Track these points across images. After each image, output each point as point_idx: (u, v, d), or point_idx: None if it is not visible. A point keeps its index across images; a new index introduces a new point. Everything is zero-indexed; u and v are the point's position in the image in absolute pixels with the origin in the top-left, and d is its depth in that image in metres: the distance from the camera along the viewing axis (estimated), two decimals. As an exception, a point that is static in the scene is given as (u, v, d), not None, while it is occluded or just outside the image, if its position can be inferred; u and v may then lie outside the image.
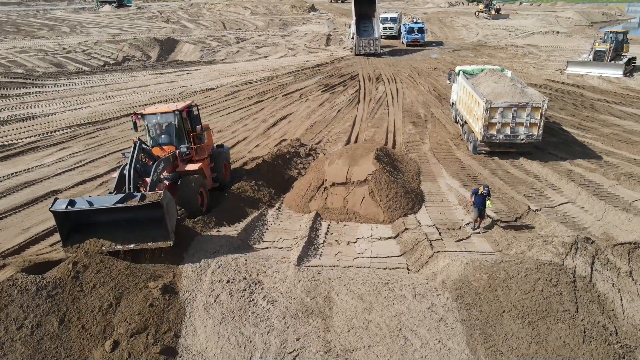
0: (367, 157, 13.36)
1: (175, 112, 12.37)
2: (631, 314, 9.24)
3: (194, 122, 13.07)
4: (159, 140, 12.77)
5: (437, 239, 11.15)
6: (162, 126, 12.81)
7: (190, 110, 13.01)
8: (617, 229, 11.67)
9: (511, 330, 8.79)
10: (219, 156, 13.85)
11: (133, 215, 9.63)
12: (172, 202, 10.12)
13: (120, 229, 9.72)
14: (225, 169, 14.21)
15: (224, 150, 14.57)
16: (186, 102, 13.24)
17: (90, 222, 9.87)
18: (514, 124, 15.65)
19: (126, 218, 9.73)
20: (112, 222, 9.79)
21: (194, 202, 11.66)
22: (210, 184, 13.28)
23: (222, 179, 13.73)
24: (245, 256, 10.01)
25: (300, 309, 9.15)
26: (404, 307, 9.18)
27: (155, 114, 12.54)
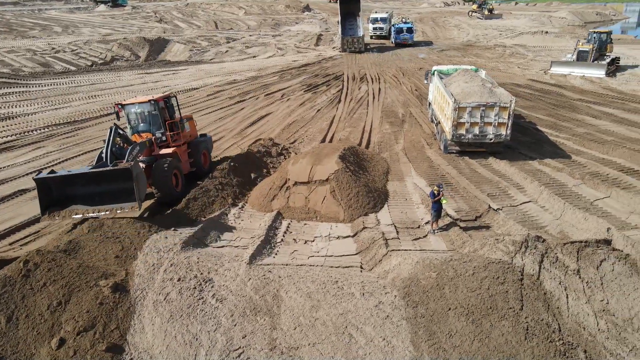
0: (332, 157, 13.45)
1: (152, 102, 13.59)
2: (576, 311, 9.33)
3: (170, 111, 14.30)
4: (138, 128, 13.94)
5: (393, 238, 11.24)
6: (141, 115, 13.91)
7: (167, 100, 14.20)
8: (573, 228, 11.78)
9: (455, 328, 8.89)
10: (198, 144, 15.01)
11: (107, 187, 10.97)
12: (143, 174, 11.35)
13: (95, 199, 11.00)
14: (205, 157, 15.29)
15: (206, 139, 15.73)
16: (163, 94, 14.51)
17: (68, 194, 11.16)
18: (483, 124, 15.75)
19: (100, 190, 11.05)
20: (87, 193, 11.10)
21: (167, 182, 12.63)
22: (187, 168, 14.38)
23: (199, 165, 14.79)
24: (198, 254, 10.10)
25: (248, 307, 9.25)
26: (351, 305, 9.27)
27: (134, 104, 13.79)
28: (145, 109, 13.73)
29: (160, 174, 12.60)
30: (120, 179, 10.80)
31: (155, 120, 13.82)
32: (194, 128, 15.57)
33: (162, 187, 12.65)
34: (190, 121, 15.41)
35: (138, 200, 10.73)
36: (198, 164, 14.80)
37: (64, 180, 11.10)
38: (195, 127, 15.78)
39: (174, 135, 14.10)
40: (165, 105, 14.07)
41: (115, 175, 10.82)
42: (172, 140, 14.01)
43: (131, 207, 10.80)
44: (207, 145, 15.68)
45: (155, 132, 13.76)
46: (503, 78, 30.63)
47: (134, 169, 10.78)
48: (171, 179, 12.75)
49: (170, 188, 12.72)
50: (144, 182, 11.44)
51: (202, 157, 15.08)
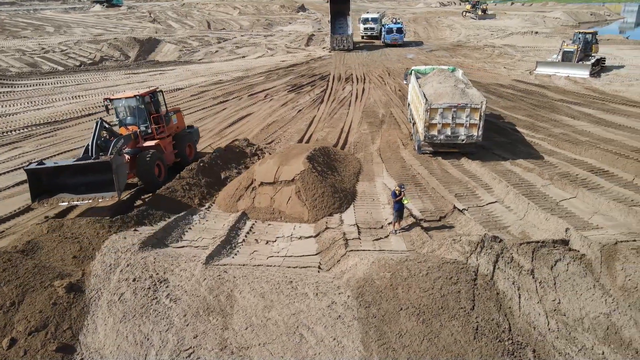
0: (299, 157, 13.50)
1: (137, 97, 14.48)
2: (527, 311, 9.40)
3: (156, 105, 15.15)
4: (125, 121, 14.80)
5: (354, 238, 11.30)
6: (127, 109, 14.78)
7: (152, 95, 15.06)
8: (534, 228, 11.84)
9: (406, 328, 8.94)
10: (183, 137, 16.06)
11: (91, 178, 12.03)
12: (123, 166, 12.40)
13: (81, 189, 12.08)
14: (190, 148, 16.27)
15: (192, 131, 16.79)
16: (149, 89, 15.30)
17: (56, 183, 12.20)
18: (454, 125, 15.80)
19: (85, 181, 12.11)
20: (74, 183, 12.16)
21: (150, 173, 13.60)
22: (171, 159, 15.37)
23: (184, 156, 15.79)
24: (156, 255, 10.15)
25: (201, 307, 9.30)
26: (304, 305, 9.33)
27: (121, 98, 14.65)
28: (132, 103, 14.59)
29: (143, 165, 13.49)
30: (101, 170, 11.80)
31: (141, 114, 14.67)
32: (181, 121, 16.52)
33: (145, 177, 13.64)
34: (178, 114, 16.42)
35: (117, 190, 11.79)
36: (182, 155, 15.73)
37: (52, 171, 12.20)
38: (182, 119, 16.74)
39: (159, 128, 14.95)
40: (150, 99, 14.93)
41: (97, 167, 11.86)
42: (156, 133, 14.83)
43: (111, 197, 11.86)
44: (192, 137, 16.63)
45: (140, 125, 14.60)
46: (488, 78, 30.72)
47: (114, 161, 11.75)
48: (153, 169, 13.68)
49: (152, 178, 13.65)
50: (124, 173, 12.51)
51: (187, 148, 16.03)
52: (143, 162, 13.50)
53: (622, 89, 26.59)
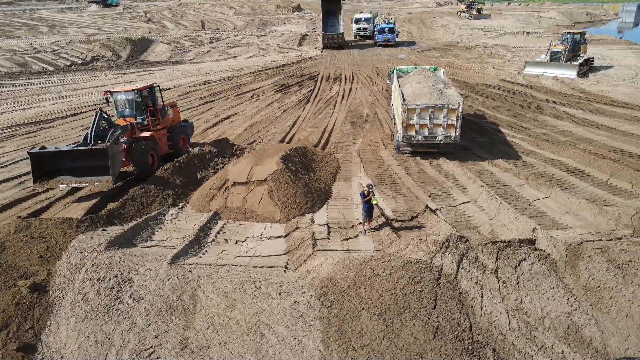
0: (273, 157, 13.53)
1: (135, 91, 15.41)
2: (489, 310, 9.45)
3: (152, 99, 16.08)
4: (123, 113, 15.72)
5: (323, 238, 11.33)
6: (126, 102, 15.66)
7: (150, 90, 16.04)
8: (504, 228, 11.88)
9: (366, 327, 8.98)
10: (177, 129, 16.97)
11: (89, 163, 12.99)
12: (118, 154, 13.46)
13: (79, 172, 13.13)
14: (183, 140, 17.27)
15: (186, 125, 17.89)
16: (147, 84, 16.38)
17: (56, 167, 13.26)
18: (432, 125, 15.84)
19: (83, 165, 13.10)
20: (73, 167, 13.22)
21: (144, 161, 14.52)
22: (164, 150, 16.27)
23: (177, 147, 16.67)
24: (122, 254, 10.18)
25: (164, 307, 9.33)
26: (266, 305, 9.37)
27: (120, 91, 15.60)
28: (130, 96, 15.53)
29: (138, 154, 14.46)
30: (98, 156, 12.83)
31: (138, 107, 15.60)
32: (177, 114, 17.55)
33: (139, 165, 14.61)
34: (174, 108, 17.46)
35: (112, 175, 12.89)
36: (175, 147, 16.66)
37: (53, 155, 13.30)
38: (178, 113, 17.77)
39: (155, 121, 15.91)
40: (148, 93, 15.91)
41: (94, 153, 12.88)
42: (152, 125, 15.75)
43: (106, 181, 13.02)
44: (186, 130, 17.70)
45: (137, 116, 15.57)
46: (476, 78, 30.77)
47: (110, 149, 12.83)
48: (147, 158, 14.64)
49: (146, 166, 14.57)
50: (119, 160, 13.55)
51: (180, 140, 16.96)
52: (138, 151, 14.44)
53: (608, 89, 26.64)
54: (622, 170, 14.65)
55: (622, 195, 13.49)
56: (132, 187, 13.45)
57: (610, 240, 10.84)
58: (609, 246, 10.55)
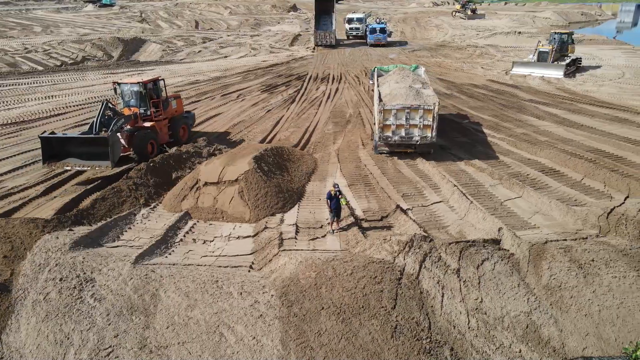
0: (246, 158, 13.58)
1: (140, 84, 16.65)
2: (449, 310, 9.49)
3: (156, 92, 17.36)
4: (129, 103, 16.99)
5: (290, 238, 11.37)
6: (131, 93, 16.92)
7: (154, 83, 17.36)
8: (472, 228, 11.92)
9: (325, 327, 9.02)
10: (179, 120, 18.34)
11: (92, 149, 14.38)
12: (118, 142, 14.90)
13: (84, 157, 14.56)
14: (184, 130, 18.63)
15: (188, 116, 19.29)
16: (152, 77, 17.82)
17: (64, 151, 14.70)
18: (408, 126, 15.86)
19: (88, 151, 14.48)
20: (78, 152, 14.63)
21: (143, 149, 15.95)
22: (165, 139, 17.54)
23: (177, 137, 17.99)
24: (86, 254, 10.21)
25: (125, 306, 9.37)
26: (227, 305, 9.40)
27: (127, 83, 16.95)
28: (135, 88, 16.76)
29: (138, 142, 15.86)
30: (100, 144, 14.22)
31: (142, 98, 16.81)
32: (180, 105, 18.78)
33: (139, 153, 15.86)
34: (178, 100, 18.78)
35: (111, 161, 14.29)
36: (175, 136, 17.98)
37: (61, 141, 14.81)
38: (181, 105, 19.00)
39: (157, 112, 17.08)
40: (152, 86, 17.16)
41: (96, 141, 14.32)
42: (154, 116, 16.92)
43: (106, 166, 14.47)
44: (187, 121, 19.03)
45: (141, 107, 16.77)
46: (463, 78, 30.82)
47: (110, 138, 14.22)
48: (146, 146, 16.07)
49: (145, 154, 15.92)
50: (118, 148, 14.87)
51: (181, 130, 18.30)
52: (138, 140, 15.87)
53: (593, 89, 26.70)
54: (596, 170, 14.70)
55: (594, 195, 13.54)
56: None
57: (575, 240, 10.90)
58: (572, 246, 10.61)
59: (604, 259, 10.33)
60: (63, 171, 15.34)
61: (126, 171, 14.72)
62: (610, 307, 9.63)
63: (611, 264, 10.27)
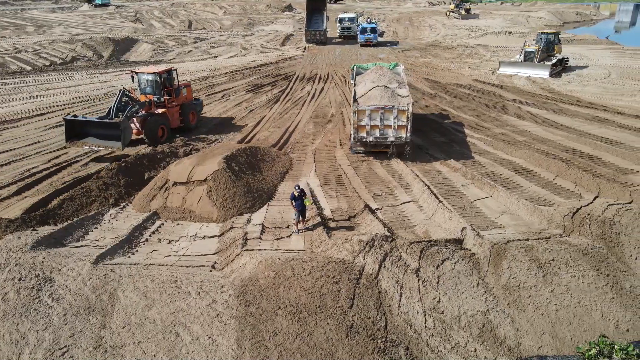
0: (216, 157, 13.59)
1: (156, 73, 18.69)
2: (406, 309, 9.52)
3: (169, 81, 19.27)
4: (145, 90, 19.01)
5: (255, 238, 11.38)
6: (147, 81, 18.97)
7: (168, 73, 19.28)
8: (437, 227, 11.95)
9: (281, 326, 9.05)
10: (189, 106, 20.15)
11: (107, 132, 16.54)
12: (129, 127, 16.90)
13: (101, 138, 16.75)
14: (193, 116, 20.56)
15: (196, 103, 21.13)
16: (166, 67, 19.65)
17: (84, 132, 17.08)
18: (382, 127, 15.86)
19: (103, 133, 16.70)
20: (95, 134, 16.90)
21: (154, 133, 17.91)
22: (176, 124, 19.50)
23: (187, 122, 20.01)
24: (47, 254, 10.22)
25: (83, 306, 9.38)
26: (184, 304, 9.42)
27: (144, 72, 19.14)
28: (151, 77, 18.79)
29: (150, 127, 17.76)
30: (114, 128, 16.27)
31: (157, 86, 18.73)
32: (190, 93, 20.59)
33: (150, 137, 17.79)
34: (188, 88, 20.54)
35: (122, 144, 16.29)
36: (185, 121, 19.93)
37: (81, 123, 17.17)
38: (191, 92, 20.79)
39: (170, 99, 18.94)
40: (166, 76, 19.04)
41: (111, 125, 16.40)
42: (167, 103, 18.76)
43: (117, 147, 16.39)
44: (196, 107, 20.87)
45: (155, 94, 18.68)
46: (449, 78, 30.85)
47: (122, 124, 16.22)
48: (157, 131, 18.01)
49: (156, 138, 17.87)
50: (129, 133, 16.88)
51: (190, 116, 20.23)
52: (151, 125, 17.77)
53: (577, 89, 26.74)
54: (568, 170, 14.74)
55: (563, 195, 13.57)
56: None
57: (537, 240, 10.93)
58: (534, 245, 10.65)
59: (565, 258, 10.38)
60: (41, 170, 15.40)
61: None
62: (567, 307, 9.68)
63: (571, 263, 10.32)
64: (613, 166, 15.47)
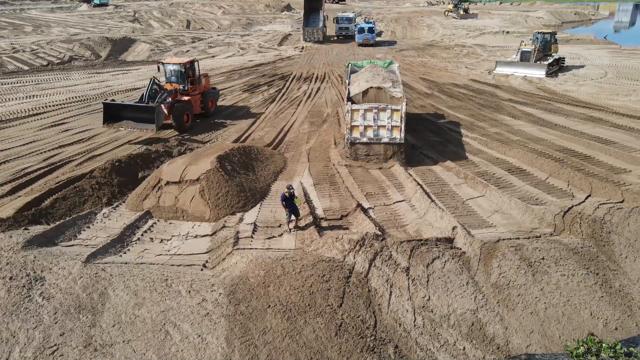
0: (209, 157, 13.62)
1: (180, 64, 20.84)
2: (396, 308, 9.55)
3: (192, 71, 21.11)
4: (170, 79, 21.05)
5: (246, 237, 11.42)
6: (173, 71, 20.98)
7: (191, 63, 21.26)
8: (429, 227, 11.97)
9: (270, 325, 9.08)
10: (208, 94, 22.24)
11: (141, 115, 18.41)
12: (161, 112, 18.75)
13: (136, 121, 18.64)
14: (212, 102, 22.63)
15: (214, 91, 23.34)
16: (190, 59, 21.89)
17: (120, 115, 18.95)
18: (376, 127, 15.85)
19: (138, 116, 18.55)
20: (131, 117, 18.74)
21: (180, 118, 19.74)
22: (198, 110, 21.53)
23: (207, 108, 22.16)
24: (38, 253, 10.24)
25: (73, 305, 9.41)
26: (174, 303, 9.45)
27: (170, 63, 21.34)
28: (176, 67, 20.85)
29: (177, 113, 19.52)
30: (148, 112, 18.13)
31: (181, 76, 20.73)
32: (208, 82, 22.61)
33: (177, 121, 19.68)
34: (206, 77, 22.44)
35: (156, 126, 18.26)
36: (206, 108, 22.05)
37: (119, 107, 19.27)
38: (209, 82, 22.83)
39: (193, 87, 20.91)
40: (190, 66, 20.96)
41: (146, 109, 18.26)
42: (190, 90, 20.75)
43: (151, 129, 18.53)
44: (214, 95, 22.97)
45: (180, 83, 20.70)
46: (446, 78, 30.88)
47: (157, 108, 18.16)
48: (183, 116, 19.87)
49: (181, 122, 19.82)
50: (162, 117, 18.80)
51: (209, 102, 22.29)
52: (177, 111, 19.49)
53: (573, 89, 26.78)
54: (561, 170, 14.77)
55: (556, 194, 13.61)
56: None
57: (528, 239, 10.97)
58: (524, 244, 10.69)
59: (554, 257, 10.42)
60: (35, 169, 15.41)
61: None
62: (556, 305, 9.72)
63: (561, 262, 10.36)
64: (606, 165, 15.51)
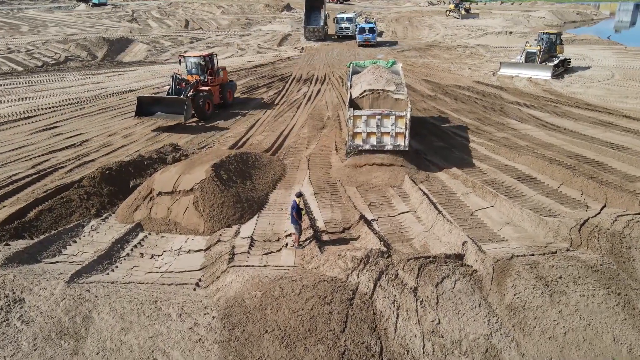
0: (204, 165, 12.92)
1: (200, 57, 22.69)
2: (403, 333, 8.84)
3: (212, 63, 22.91)
4: (191, 71, 22.80)
5: (243, 252, 10.71)
6: (193, 64, 22.79)
7: (210, 56, 23.04)
8: (437, 241, 11.26)
9: (267, 352, 8.38)
10: (226, 86, 23.86)
11: (170, 107, 20.48)
12: (190, 104, 20.53)
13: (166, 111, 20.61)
14: (230, 94, 24.18)
15: (232, 83, 24.98)
16: (209, 52, 24.09)
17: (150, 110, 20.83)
18: (380, 134, 15.10)
19: (168, 109, 20.54)
20: (162, 109, 20.64)
21: (202, 107, 21.34)
22: (217, 100, 23.12)
23: (226, 99, 23.77)
24: (18, 272, 9.53)
25: (55, 330, 8.70)
26: (164, 327, 8.75)
27: (191, 56, 23.09)
28: (197, 60, 22.68)
29: (198, 102, 21.09)
30: (178, 104, 20.19)
31: (202, 68, 22.52)
32: (225, 75, 24.21)
33: (198, 111, 21.35)
34: (224, 70, 24.04)
35: (185, 116, 20.14)
36: (224, 98, 23.66)
37: (151, 100, 21.13)
38: (226, 74, 24.51)
39: (212, 79, 22.54)
40: (209, 59, 22.73)
41: (177, 101, 20.30)
42: (210, 82, 22.34)
43: (179, 119, 20.24)
44: (231, 87, 24.54)
45: (200, 75, 22.37)
46: (449, 80, 30.18)
47: (187, 100, 20.21)
48: (205, 106, 21.47)
49: (203, 111, 21.47)
50: (190, 107, 20.53)
51: (228, 93, 23.88)
52: (199, 100, 21.11)
53: (580, 91, 26.08)
54: (573, 178, 14.06)
55: (569, 205, 12.90)
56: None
57: (543, 255, 10.26)
58: (539, 261, 9.97)
59: (573, 275, 9.70)
60: (23, 177, 14.72)
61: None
62: (576, 329, 9.01)
63: (580, 281, 9.64)
64: (620, 173, 14.80)
